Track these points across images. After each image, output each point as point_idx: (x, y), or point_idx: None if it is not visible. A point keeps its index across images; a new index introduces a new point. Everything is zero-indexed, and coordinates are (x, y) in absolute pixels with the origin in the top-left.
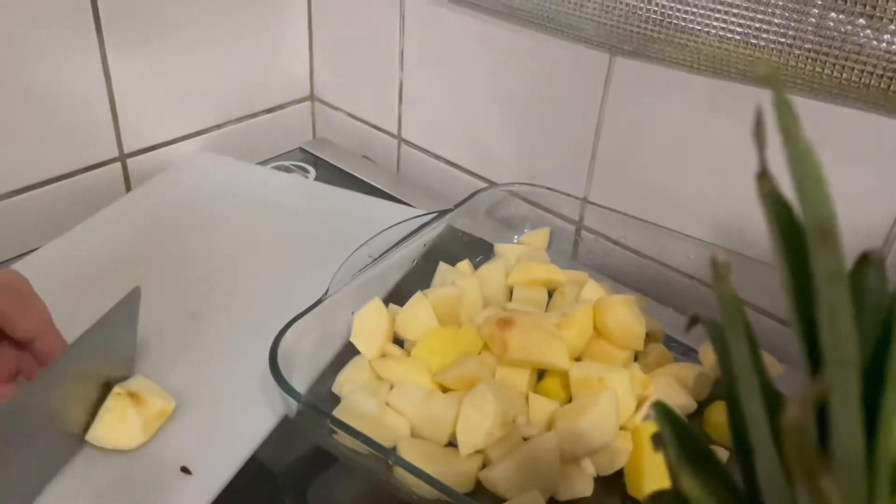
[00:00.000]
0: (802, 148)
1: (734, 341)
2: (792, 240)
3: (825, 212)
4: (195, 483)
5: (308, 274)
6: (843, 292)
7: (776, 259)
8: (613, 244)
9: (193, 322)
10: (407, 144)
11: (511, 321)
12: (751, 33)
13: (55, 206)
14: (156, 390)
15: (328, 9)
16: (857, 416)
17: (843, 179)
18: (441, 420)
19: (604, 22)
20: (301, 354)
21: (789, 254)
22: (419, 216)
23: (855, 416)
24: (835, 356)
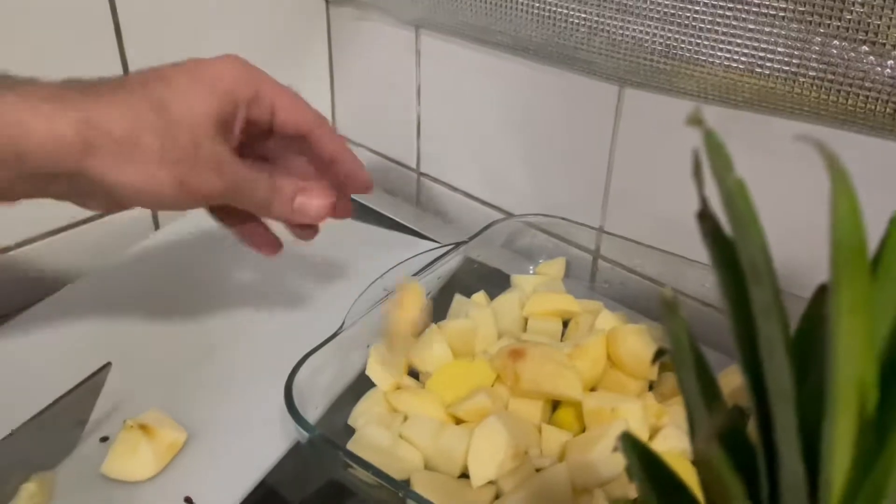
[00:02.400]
0: (734, 188)
1: (684, 372)
2: (733, 274)
3: (757, 249)
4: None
5: (326, 306)
6: (776, 327)
7: (720, 295)
8: (630, 273)
9: (210, 355)
10: (426, 178)
11: (522, 352)
12: (755, 62)
13: (88, 244)
14: (168, 422)
15: (347, 50)
16: (796, 445)
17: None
18: (453, 452)
19: (611, 55)
20: (317, 386)
21: (732, 290)
22: (435, 248)
23: (794, 445)
24: (774, 387)
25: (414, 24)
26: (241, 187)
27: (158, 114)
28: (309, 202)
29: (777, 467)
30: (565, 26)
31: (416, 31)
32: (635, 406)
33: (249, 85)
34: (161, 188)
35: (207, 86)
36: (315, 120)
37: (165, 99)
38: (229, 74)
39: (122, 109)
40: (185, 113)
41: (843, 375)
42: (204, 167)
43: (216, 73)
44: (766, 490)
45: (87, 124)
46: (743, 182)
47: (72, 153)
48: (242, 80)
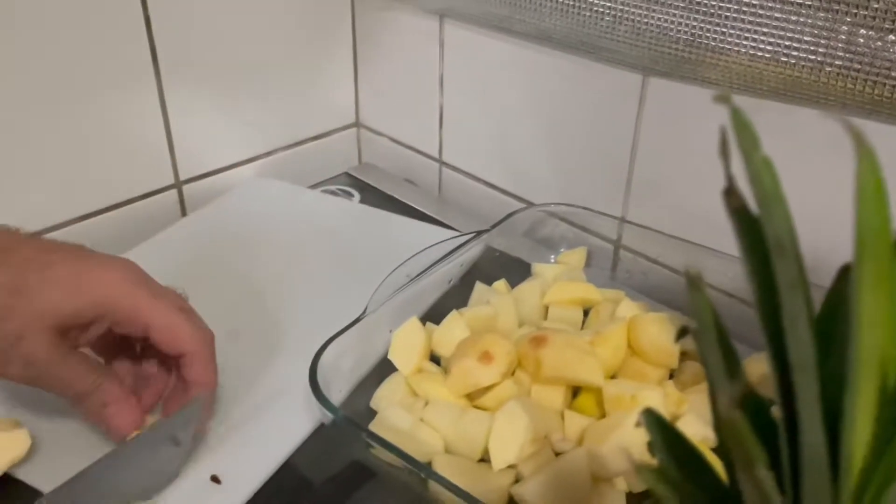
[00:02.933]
0: (760, 166)
1: (707, 347)
2: (759, 252)
3: (782, 225)
4: (224, 492)
5: (350, 292)
6: (799, 300)
7: (745, 271)
8: (651, 263)
9: (236, 338)
10: (448, 167)
11: (544, 339)
12: (781, 51)
13: (116, 230)
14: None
15: (372, 39)
16: (818, 416)
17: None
18: (474, 436)
19: (636, 44)
20: (340, 370)
21: (757, 265)
22: (456, 237)
23: (816, 416)
24: (796, 360)
25: (438, 13)
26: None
27: (7, 296)
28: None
29: (799, 440)
30: (589, 15)
31: (440, 21)
32: (655, 393)
33: (123, 309)
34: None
35: (79, 290)
36: (190, 348)
37: (27, 286)
38: (108, 291)
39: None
40: (32, 305)
41: (865, 349)
42: (13, 360)
43: (98, 282)
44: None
45: None
46: (769, 159)
47: None
48: (119, 301)
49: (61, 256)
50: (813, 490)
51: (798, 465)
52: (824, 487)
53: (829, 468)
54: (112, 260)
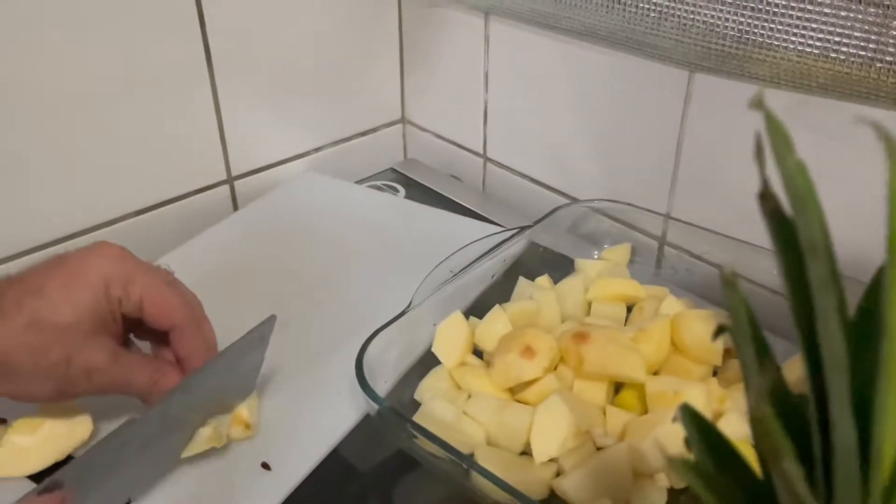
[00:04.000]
0: (794, 168)
1: (742, 344)
2: (793, 252)
3: (815, 227)
4: (274, 478)
5: (395, 285)
6: (832, 299)
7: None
8: (696, 259)
9: (286, 329)
10: (492, 163)
11: (586, 335)
12: (830, 47)
13: (170, 224)
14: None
15: (418, 36)
16: (849, 413)
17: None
18: (516, 429)
19: (682, 40)
20: (385, 362)
21: (791, 265)
22: (500, 232)
23: (847, 414)
24: (828, 358)
25: (483, 10)
26: (116, 388)
27: (34, 333)
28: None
29: (830, 436)
30: (635, 11)
31: (486, 18)
32: (698, 390)
33: (120, 283)
34: (41, 396)
35: (79, 289)
36: (179, 317)
37: (39, 316)
38: (102, 273)
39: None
40: (57, 326)
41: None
42: (76, 379)
43: (90, 273)
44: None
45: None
46: (802, 163)
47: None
48: (114, 278)
49: (44, 276)
50: (844, 485)
51: (830, 461)
52: (855, 483)
53: (860, 464)
54: (89, 250)
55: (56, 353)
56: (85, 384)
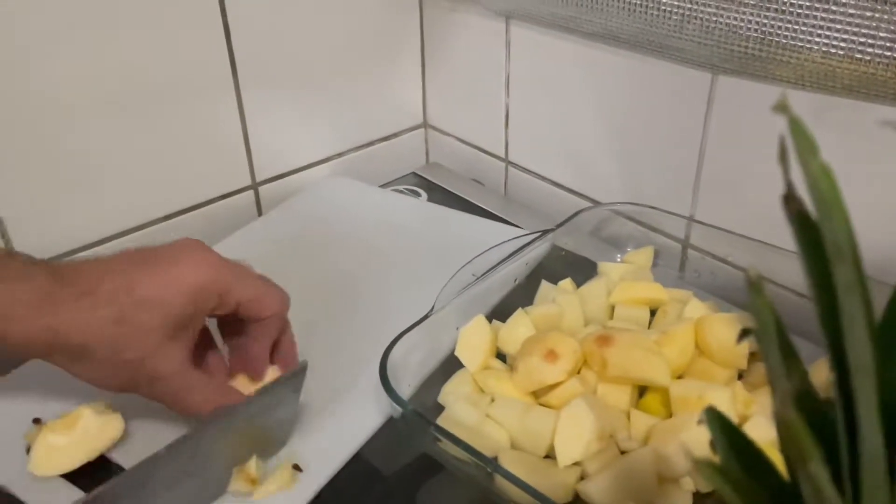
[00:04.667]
0: (818, 172)
1: (767, 348)
2: (818, 256)
3: (841, 230)
4: (305, 479)
5: (418, 289)
6: (857, 302)
7: (805, 274)
8: (721, 263)
9: (311, 332)
10: (514, 167)
11: (610, 338)
12: (855, 48)
13: (196, 229)
14: None
15: (439, 41)
16: (876, 417)
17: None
18: (539, 433)
19: (704, 42)
20: (409, 365)
21: (816, 269)
22: (522, 235)
23: (874, 417)
24: (855, 362)
25: (504, 15)
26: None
27: (119, 329)
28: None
29: (857, 440)
30: (657, 14)
31: (507, 22)
32: (723, 393)
33: (216, 294)
34: (109, 386)
35: (173, 292)
36: (275, 307)
37: (128, 314)
38: (199, 281)
39: (83, 322)
40: (140, 327)
41: None
42: (142, 381)
43: (187, 277)
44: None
45: (53, 333)
46: (827, 166)
47: (38, 351)
48: (210, 288)
49: (138, 272)
50: (871, 489)
51: (857, 465)
52: (883, 487)
53: (886, 469)
54: (181, 251)
55: (133, 352)
56: (146, 388)
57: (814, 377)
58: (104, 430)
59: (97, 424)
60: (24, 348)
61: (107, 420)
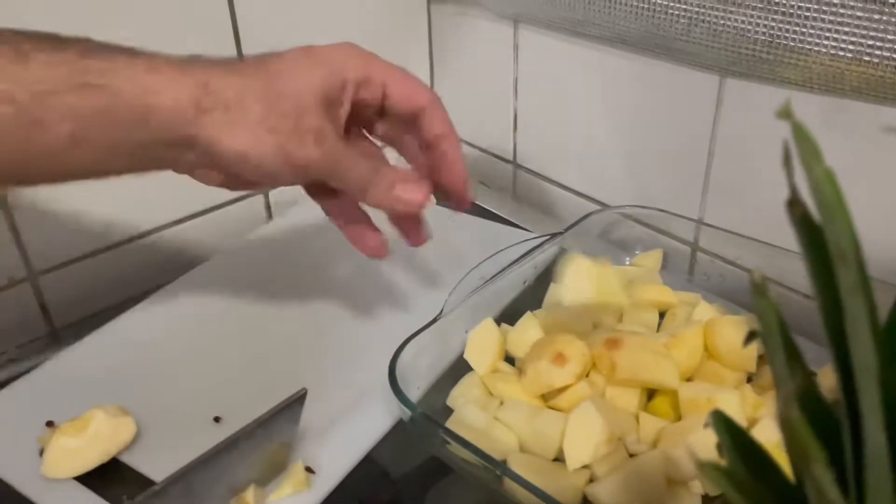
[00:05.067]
0: (822, 176)
1: (772, 351)
2: (822, 259)
3: (844, 235)
4: (315, 480)
5: (427, 292)
6: (861, 306)
7: (809, 277)
8: (730, 265)
9: (320, 335)
10: (522, 170)
11: (619, 341)
12: (863, 50)
13: (207, 234)
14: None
15: (447, 45)
16: (880, 419)
17: None
18: (548, 436)
19: (712, 45)
20: (418, 368)
21: (820, 271)
22: (531, 238)
23: (878, 420)
24: (858, 364)
25: (512, 18)
26: (339, 162)
27: (267, 83)
28: (405, 194)
29: (861, 441)
30: (664, 17)
31: (515, 26)
32: (732, 396)
33: (359, 67)
34: (263, 153)
35: (317, 63)
36: (427, 99)
37: (275, 71)
38: (340, 55)
39: (235, 77)
40: (292, 85)
41: None
42: (305, 136)
43: (328, 53)
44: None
45: (204, 88)
46: (831, 171)
47: (187, 116)
48: (353, 62)
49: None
50: (876, 492)
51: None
52: (886, 489)
53: (890, 470)
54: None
55: (288, 104)
56: (314, 148)
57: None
58: (117, 432)
59: (110, 427)
60: (173, 115)
61: (119, 422)
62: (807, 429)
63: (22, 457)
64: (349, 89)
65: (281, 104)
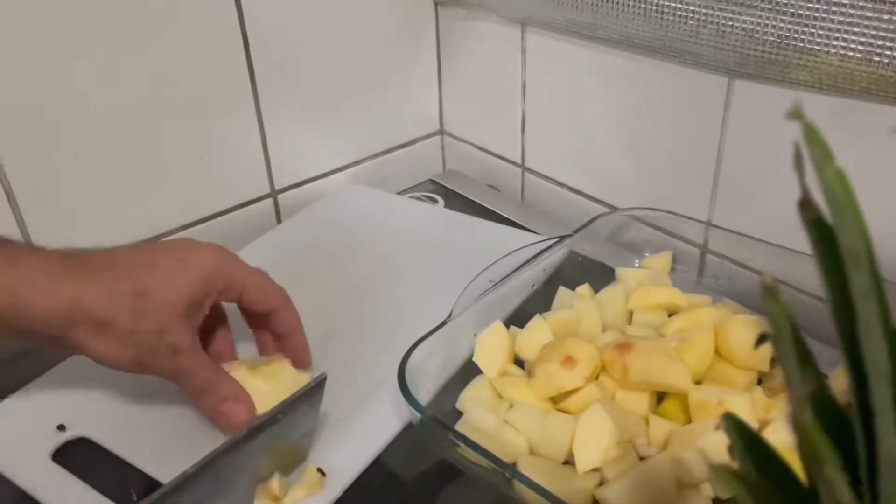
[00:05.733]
0: (834, 178)
1: (784, 354)
2: (834, 262)
3: (856, 237)
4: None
5: (436, 295)
6: (874, 309)
7: (821, 280)
8: (739, 267)
9: (330, 338)
10: (530, 173)
11: (630, 345)
12: (873, 50)
13: (216, 238)
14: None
15: (455, 49)
16: (892, 421)
17: None
18: (558, 439)
19: (720, 46)
20: (427, 371)
21: (832, 275)
22: (539, 241)
23: (891, 423)
24: (872, 368)
25: (520, 21)
26: (184, 371)
27: (136, 301)
28: (230, 413)
29: (875, 445)
30: (672, 19)
31: (522, 29)
32: (742, 399)
33: (225, 278)
34: (123, 361)
35: (188, 276)
36: (280, 301)
37: (146, 285)
38: (210, 265)
39: (105, 293)
40: (159, 303)
41: None
42: (161, 352)
43: (199, 263)
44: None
45: (76, 304)
46: (842, 173)
47: (58, 324)
48: (219, 274)
49: (154, 253)
50: (890, 496)
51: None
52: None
53: None
54: (190, 242)
55: (153, 323)
56: (167, 361)
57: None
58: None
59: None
60: (44, 322)
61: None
62: (820, 433)
63: (33, 459)
64: (211, 296)
65: (146, 323)
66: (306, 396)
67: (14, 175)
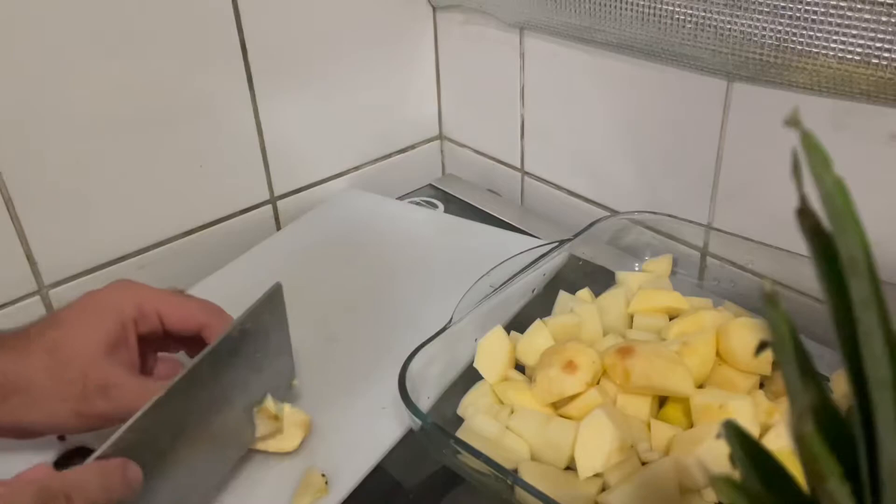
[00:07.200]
0: (832, 186)
1: (785, 361)
2: (834, 269)
3: (856, 245)
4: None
5: (436, 300)
6: (874, 318)
7: (821, 287)
8: (740, 270)
9: (331, 344)
10: (530, 177)
11: (631, 349)
12: (872, 53)
13: (216, 244)
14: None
15: (453, 53)
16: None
17: None
18: (559, 444)
19: (719, 50)
20: (428, 377)
21: (832, 282)
22: (539, 246)
23: (893, 431)
24: (873, 376)
25: (518, 26)
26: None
27: (51, 357)
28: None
29: (877, 454)
30: (671, 23)
31: (521, 34)
32: (744, 403)
33: (132, 305)
34: (62, 421)
35: (96, 315)
36: (206, 316)
37: (56, 341)
38: (115, 297)
39: (23, 361)
40: (73, 349)
41: None
42: (92, 395)
43: (104, 298)
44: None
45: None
46: (841, 180)
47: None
48: (126, 302)
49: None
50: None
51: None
52: None
53: None
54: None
55: (73, 371)
56: (103, 402)
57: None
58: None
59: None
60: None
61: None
62: (822, 444)
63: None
64: (129, 328)
65: (66, 373)
66: (266, 303)
67: (13, 183)
